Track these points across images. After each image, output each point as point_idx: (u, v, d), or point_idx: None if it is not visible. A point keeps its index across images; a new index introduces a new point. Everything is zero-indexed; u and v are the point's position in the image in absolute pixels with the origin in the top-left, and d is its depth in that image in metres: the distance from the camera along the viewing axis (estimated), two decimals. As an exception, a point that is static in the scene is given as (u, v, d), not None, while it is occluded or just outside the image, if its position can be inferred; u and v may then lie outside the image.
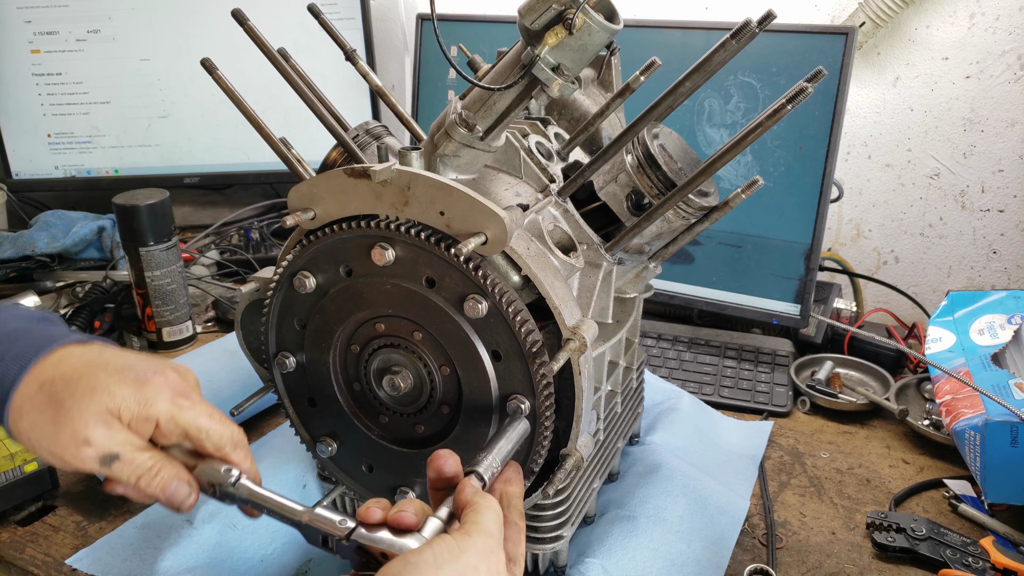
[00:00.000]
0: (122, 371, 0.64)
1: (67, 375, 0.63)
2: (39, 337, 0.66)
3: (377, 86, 0.91)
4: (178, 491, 0.65)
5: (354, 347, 0.80)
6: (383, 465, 0.84)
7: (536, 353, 0.70)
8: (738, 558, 0.92)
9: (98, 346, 0.67)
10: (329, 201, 0.74)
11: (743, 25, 0.70)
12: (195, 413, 0.65)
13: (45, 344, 0.65)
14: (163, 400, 0.63)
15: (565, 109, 0.94)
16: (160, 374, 0.65)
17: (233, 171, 1.85)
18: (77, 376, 0.62)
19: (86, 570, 0.90)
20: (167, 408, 0.64)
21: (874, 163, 1.51)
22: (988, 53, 1.37)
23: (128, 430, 0.63)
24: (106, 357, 0.65)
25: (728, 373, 1.31)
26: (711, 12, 1.56)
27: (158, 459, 0.64)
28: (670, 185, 0.80)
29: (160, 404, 0.63)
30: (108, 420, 0.62)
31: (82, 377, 0.62)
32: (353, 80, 0.91)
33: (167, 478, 0.64)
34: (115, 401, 0.62)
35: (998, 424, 0.94)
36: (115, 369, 0.64)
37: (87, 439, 0.61)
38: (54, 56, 1.75)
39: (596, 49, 0.65)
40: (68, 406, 0.61)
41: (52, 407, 0.61)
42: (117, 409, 0.62)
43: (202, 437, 0.65)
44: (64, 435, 0.61)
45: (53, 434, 0.61)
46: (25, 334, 0.66)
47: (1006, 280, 1.47)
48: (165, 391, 0.64)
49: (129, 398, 0.62)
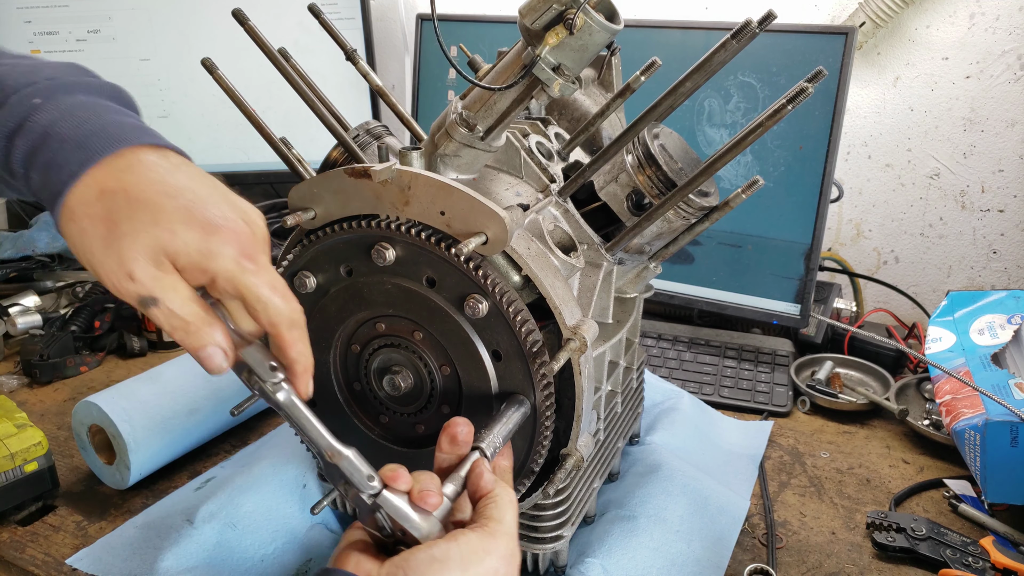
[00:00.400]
0: (191, 208, 0.56)
1: (131, 191, 0.55)
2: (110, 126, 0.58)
3: (377, 86, 0.91)
4: (212, 357, 0.58)
5: (354, 347, 0.80)
6: (383, 465, 0.84)
7: (536, 353, 0.70)
8: (738, 558, 0.92)
9: (174, 159, 0.59)
10: (329, 201, 0.74)
11: (743, 25, 0.70)
12: (257, 280, 0.57)
13: (115, 139, 0.57)
14: (227, 257, 0.56)
15: (565, 109, 0.94)
16: (232, 224, 0.57)
17: (233, 171, 1.85)
18: (142, 197, 0.55)
19: (86, 570, 0.90)
20: (229, 267, 0.56)
21: (874, 163, 1.51)
22: (988, 53, 1.37)
23: (178, 276, 0.56)
24: (179, 179, 0.57)
25: (728, 373, 1.31)
26: (711, 12, 1.56)
27: (199, 316, 0.57)
28: (670, 185, 0.80)
29: (223, 261, 0.56)
30: (160, 260, 0.55)
31: (147, 201, 0.55)
32: (353, 80, 0.91)
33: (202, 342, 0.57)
34: (175, 243, 0.55)
35: (998, 424, 0.94)
36: (185, 203, 0.56)
37: (131, 273, 0.54)
38: (54, 56, 1.74)
39: (597, 49, 0.65)
40: (124, 230, 0.54)
41: (106, 224, 0.54)
42: (174, 252, 0.55)
43: (258, 308, 0.58)
44: (110, 260, 0.55)
45: (100, 252, 0.55)
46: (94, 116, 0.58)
47: (1006, 280, 1.47)
48: (232, 246, 0.56)
49: (191, 244, 0.55)
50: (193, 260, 0.55)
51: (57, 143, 0.56)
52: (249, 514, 0.94)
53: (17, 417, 1.02)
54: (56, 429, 1.17)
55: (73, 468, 1.08)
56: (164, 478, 1.06)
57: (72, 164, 0.55)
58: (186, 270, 0.56)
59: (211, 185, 0.59)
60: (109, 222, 0.54)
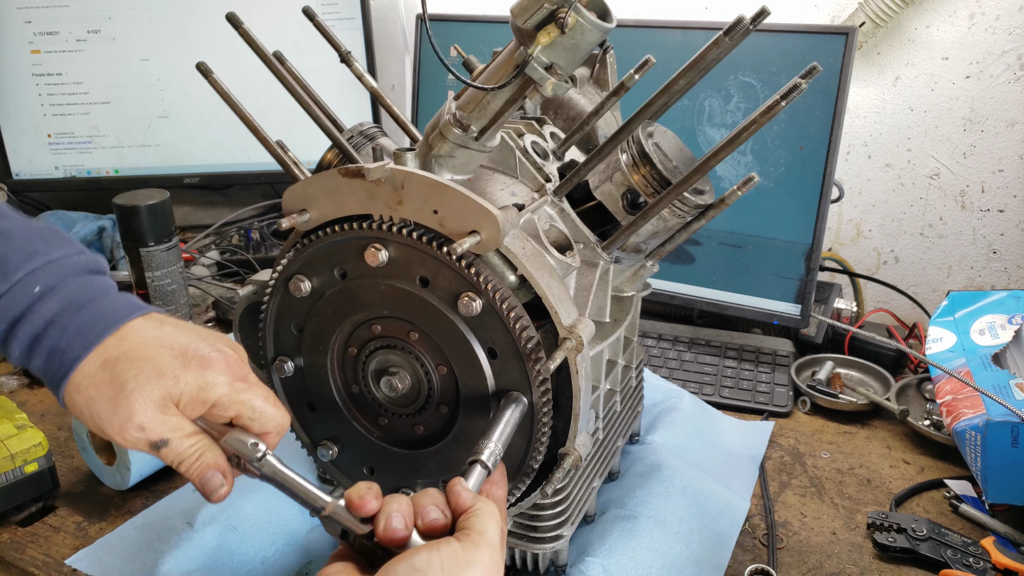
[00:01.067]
0: (185, 352, 0.63)
1: (132, 354, 0.61)
2: (105, 310, 0.64)
3: (373, 88, 0.91)
4: (211, 480, 0.64)
5: (351, 349, 0.80)
6: (384, 467, 0.84)
7: (532, 350, 0.70)
8: (738, 558, 0.92)
9: (157, 318, 0.66)
10: (324, 202, 0.74)
11: (736, 22, 0.70)
12: (251, 396, 0.64)
13: (111, 320, 0.63)
14: (223, 384, 0.63)
15: (560, 108, 0.93)
16: (221, 354, 0.64)
17: (233, 171, 1.85)
18: (142, 356, 0.61)
19: (86, 570, 0.90)
20: (227, 392, 0.63)
21: (874, 163, 1.51)
22: (988, 53, 1.36)
23: (181, 415, 0.63)
24: (167, 333, 0.64)
25: (728, 373, 1.30)
26: (711, 12, 1.55)
27: (202, 446, 0.64)
28: (665, 183, 0.80)
29: (220, 388, 0.63)
30: (166, 406, 0.62)
31: (147, 358, 0.61)
32: (353, 80, 0.91)
33: (206, 466, 0.64)
34: (179, 387, 0.61)
35: (999, 424, 0.94)
36: (178, 349, 0.63)
37: (141, 425, 0.61)
38: (54, 56, 1.75)
39: (589, 48, 0.65)
40: (130, 388, 0.60)
41: (113, 387, 0.61)
42: (178, 395, 0.62)
43: (255, 419, 0.65)
44: (119, 417, 0.61)
45: (108, 413, 0.61)
46: (88, 304, 0.64)
47: (1006, 280, 1.47)
48: (226, 373, 0.63)
49: (192, 383, 0.62)
50: (195, 397, 0.62)
51: (59, 332, 0.62)
52: (249, 516, 0.94)
53: (17, 418, 1.02)
54: (56, 430, 1.17)
55: (73, 469, 1.09)
56: (164, 479, 1.06)
57: (76, 349, 0.62)
58: (188, 407, 0.63)
59: (192, 330, 0.66)
60: (115, 385, 0.61)
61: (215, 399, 0.63)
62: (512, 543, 0.85)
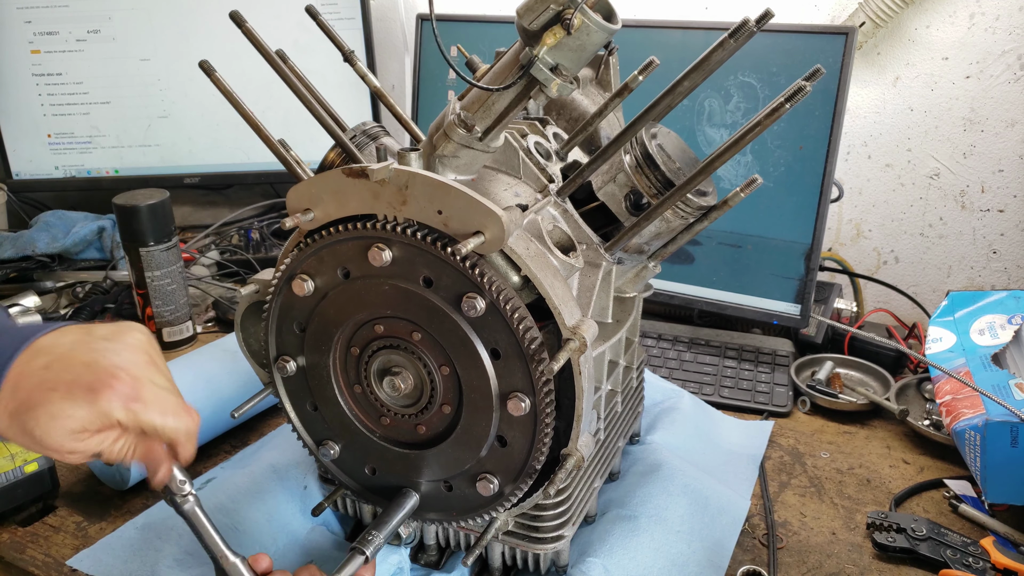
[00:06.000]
0: (72, 387, 0.65)
1: (27, 402, 0.65)
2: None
3: (375, 87, 0.91)
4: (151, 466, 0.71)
5: (354, 349, 0.80)
6: (386, 467, 0.84)
7: (536, 350, 0.70)
8: (738, 558, 0.92)
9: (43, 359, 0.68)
10: (327, 202, 0.74)
11: (741, 24, 0.70)
12: (149, 415, 0.68)
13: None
14: (117, 409, 0.66)
15: (564, 109, 0.94)
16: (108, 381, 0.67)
17: (233, 171, 1.85)
18: (35, 403, 0.65)
19: (86, 571, 0.90)
20: (123, 416, 0.67)
21: (874, 163, 1.51)
22: (988, 53, 1.37)
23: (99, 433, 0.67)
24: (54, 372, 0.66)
25: (728, 373, 1.30)
26: (711, 12, 1.56)
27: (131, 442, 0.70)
28: (668, 185, 0.80)
29: (116, 413, 0.66)
30: (78, 436, 0.66)
31: (39, 404, 0.65)
32: (354, 80, 0.91)
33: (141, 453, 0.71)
34: (76, 423, 0.65)
35: (998, 424, 0.94)
36: (65, 387, 0.65)
37: (70, 453, 0.67)
38: (54, 56, 1.75)
39: (594, 49, 0.65)
40: (38, 435, 0.65)
41: (26, 436, 0.65)
42: (80, 428, 0.65)
43: (159, 434, 0.69)
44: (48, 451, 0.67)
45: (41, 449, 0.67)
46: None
47: (1006, 280, 1.47)
48: (116, 400, 0.66)
49: (86, 417, 0.65)
50: (97, 424, 0.66)
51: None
52: (250, 516, 0.94)
53: (17, 418, 1.02)
54: (56, 430, 1.16)
55: (73, 469, 1.08)
56: (164, 479, 1.05)
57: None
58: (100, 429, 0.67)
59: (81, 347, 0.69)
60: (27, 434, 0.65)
61: (116, 422, 0.67)
62: (513, 543, 0.85)
